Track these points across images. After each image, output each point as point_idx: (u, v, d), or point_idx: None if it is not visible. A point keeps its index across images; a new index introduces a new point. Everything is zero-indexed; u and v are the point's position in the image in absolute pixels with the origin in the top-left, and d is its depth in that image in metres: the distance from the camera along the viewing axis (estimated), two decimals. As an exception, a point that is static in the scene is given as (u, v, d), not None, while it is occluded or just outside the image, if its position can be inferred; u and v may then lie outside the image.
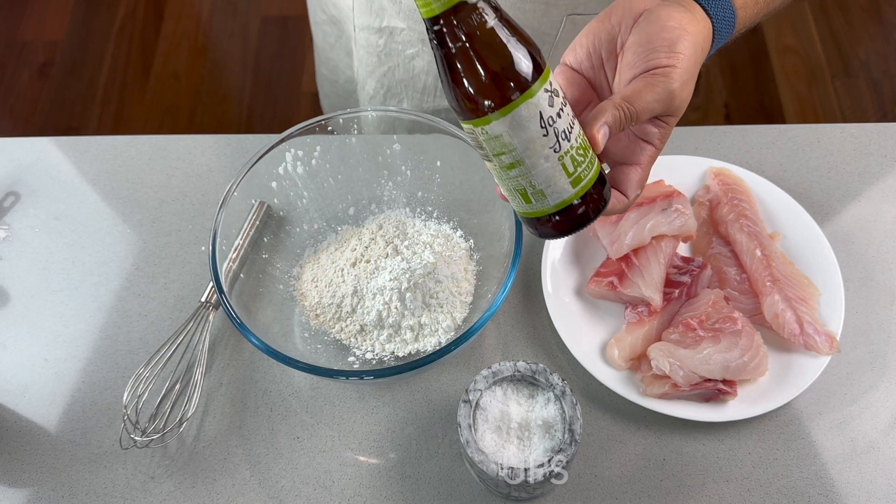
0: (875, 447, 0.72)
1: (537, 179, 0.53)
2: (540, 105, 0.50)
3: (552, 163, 0.52)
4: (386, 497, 0.71)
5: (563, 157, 0.52)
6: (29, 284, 0.83)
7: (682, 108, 0.57)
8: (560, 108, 0.51)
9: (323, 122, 0.77)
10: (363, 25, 0.91)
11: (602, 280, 0.77)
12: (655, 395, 0.71)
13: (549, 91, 0.50)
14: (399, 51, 0.91)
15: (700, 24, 0.57)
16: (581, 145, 0.53)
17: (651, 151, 0.59)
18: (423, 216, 0.83)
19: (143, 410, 0.74)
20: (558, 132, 0.51)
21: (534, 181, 0.53)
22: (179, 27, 2.11)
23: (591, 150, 0.54)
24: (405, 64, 0.92)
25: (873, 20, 2.05)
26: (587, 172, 0.53)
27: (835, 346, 0.73)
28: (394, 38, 0.90)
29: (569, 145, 0.52)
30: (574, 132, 0.52)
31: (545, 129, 0.51)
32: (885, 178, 0.86)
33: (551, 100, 0.50)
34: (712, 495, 0.70)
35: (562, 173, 0.52)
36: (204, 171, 0.90)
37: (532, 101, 0.49)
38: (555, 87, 0.51)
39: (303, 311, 0.78)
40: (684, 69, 0.55)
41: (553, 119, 0.51)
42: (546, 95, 0.50)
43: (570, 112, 0.52)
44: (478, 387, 0.65)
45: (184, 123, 1.96)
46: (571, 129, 0.52)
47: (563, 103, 0.51)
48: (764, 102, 1.93)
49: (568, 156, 0.52)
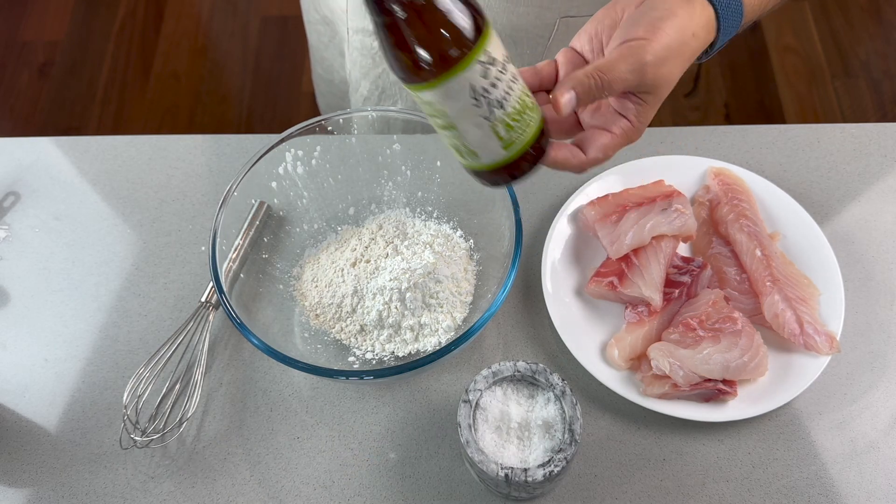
0: (875, 447, 0.72)
1: (469, 142, 0.54)
2: (470, 78, 0.50)
3: (484, 129, 0.53)
4: (386, 497, 0.71)
5: (495, 124, 0.53)
6: (29, 284, 0.83)
7: (659, 86, 0.58)
8: (496, 77, 0.51)
9: (323, 123, 0.77)
10: (357, 28, 0.91)
11: (602, 280, 0.77)
12: (655, 395, 0.71)
13: (483, 62, 0.50)
14: None
15: (696, 10, 0.58)
16: (518, 110, 0.53)
17: (625, 124, 0.59)
18: (423, 216, 0.83)
19: (143, 410, 0.74)
20: (491, 101, 0.52)
21: (466, 143, 0.54)
22: (179, 27, 2.11)
23: (530, 112, 0.54)
24: None
25: (873, 20, 2.05)
26: (522, 136, 0.54)
27: (835, 346, 0.73)
28: None
29: (503, 112, 0.52)
30: (511, 99, 0.52)
31: (476, 99, 0.51)
32: (885, 178, 0.86)
33: (485, 71, 0.51)
34: (712, 495, 0.70)
35: (493, 138, 0.54)
36: (204, 171, 0.90)
37: (462, 75, 0.50)
38: (493, 56, 0.51)
39: (303, 311, 0.78)
40: (662, 45, 0.56)
41: (486, 89, 0.51)
42: (479, 68, 0.50)
43: (510, 79, 0.52)
44: (478, 387, 0.65)
45: (184, 123, 1.96)
46: (508, 96, 0.52)
47: (500, 71, 0.51)
48: (764, 102, 1.93)
49: (501, 123, 0.53)
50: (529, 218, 0.85)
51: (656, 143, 0.89)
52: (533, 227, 0.84)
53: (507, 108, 0.53)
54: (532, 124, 0.55)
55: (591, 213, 0.80)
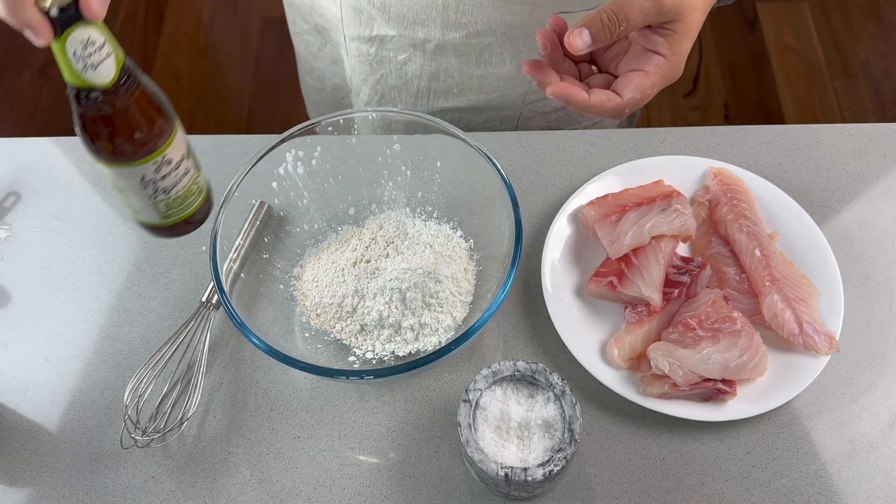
0: (874, 447, 0.72)
1: (132, 206, 0.62)
2: (143, 171, 0.58)
3: (146, 203, 0.61)
4: (386, 496, 0.71)
5: (157, 204, 0.61)
6: (30, 284, 0.83)
7: (682, 11, 0.56)
8: (167, 173, 0.59)
9: (323, 123, 0.77)
10: (353, 35, 0.92)
11: (602, 280, 0.77)
12: (655, 395, 0.71)
13: (158, 162, 0.58)
14: (391, 58, 0.91)
15: None
16: (181, 196, 0.62)
17: (659, 60, 0.58)
18: (423, 216, 0.84)
19: (144, 410, 0.74)
20: (158, 189, 0.60)
21: (130, 206, 0.63)
22: (180, 28, 2.12)
23: (194, 196, 0.63)
24: (397, 70, 0.92)
25: (873, 20, 2.05)
26: (181, 214, 0.63)
27: (834, 345, 0.73)
28: (384, 45, 0.90)
29: (166, 197, 0.61)
30: (177, 188, 0.61)
31: (145, 185, 0.59)
32: (884, 178, 0.87)
33: (158, 168, 0.58)
34: (711, 494, 0.70)
35: (154, 211, 0.62)
36: (205, 171, 0.90)
37: (135, 168, 0.58)
38: (170, 157, 0.59)
39: (303, 311, 0.78)
40: None
41: (155, 180, 0.59)
42: (153, 166, 0.58)
43: (182, 173, 0.61)
44: (478, 386, 0.65)
45: (184, 124, 1.96)
46: (175, 186, 0.61)
47: (174, 168, 0.60)
48: (763, 103, 1.93)
49: (163, 203, 0.61)
50: (529, 218, 0.85)
51: (656, 143, 0.89)
52: (533, 227, 0.85)
53: (171, 195, 0.61)
54: (194, 204, 0.64)
55: (591, 213, 0.80)
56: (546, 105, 0.95)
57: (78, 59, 0.51)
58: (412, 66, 0.91)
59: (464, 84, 0.91)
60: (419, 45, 0.88)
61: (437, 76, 0.91)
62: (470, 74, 0.90)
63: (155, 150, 0.58)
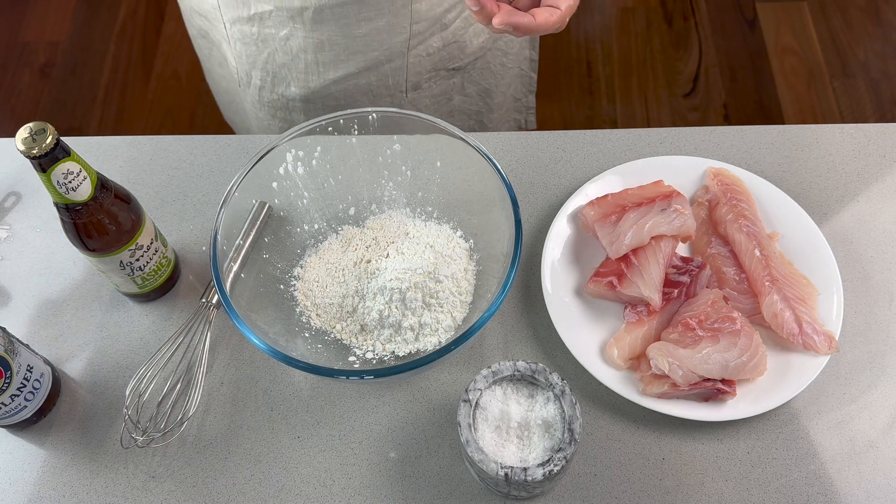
0: (874, 446, 0.72)
1: (114, 283, 0.78)
2: (120, 258, 0.73)
3: (126, 279, 0.77)
4: (386, 496, 0.71)
5: (134, 279, 0.77)
6: (30, 284, 0.83)
7: None
8: (140, 256, 0.75)
9: (323, 123, 0.77)
10: (233, 18, 0.92)
11: (601, 280, 0.77)
12: (654, 395, 0.71)
13: (132, 250, 0.74)
14: (273, 34, 0.92)
15: None
16: (154, 271, 0.77)
17: None
18: (423, 216, 0.84)
19: (145, 410, 0.74)
20: (134, 268, 0.75)
21: (113, 282, 0.78)
22: (180, 28, 2.11)
23: (164, 268, 0.79)
24: (282, 46, 0.93)
25: (872, 21, 2.05)
26: (154, 284, 0.79)
27: (833, 345, 0.73)
28: (265, 22, 0.91)
29: (141, 273, 0.76)
30: (150, 265, 0.77)
31: (122, 266, 0.75)
32: (883, 178, 0.87)
33: (133, 254, 0.74)
34: (711, 494, 0.70)
35: (133, 284, 0.78)
36: (205, 171, 0.90)
37: (113, 258, 0.73)
38: (141, 244, 0.74)
39: (304, 311, 0.78)
40: None
41: (131, 262, 0.75)
42: (128, 253, 0.74)
43: (153, 253, 0.76)
44: (478, 386, 0.65)
45: (185, 124, 1.96)
46: (147, 264, 0.76)
47: (145, 252, 0.75)
48: (763, 103, 1.93)
49: (139, 278, 0.77)
50: (529, 218, 0.85)
51: (655, 143, 0.89)
52: (533, 227, 0.85)
53: (145, 271, 0.77)
54: (164, 274, 0.79)
55: (591, 214, 0.80)
56: (429, 47, 0.96)
57: (61, 185, 0.66)
58: (295, 40, 0.91)
59: (348, 47, 0.92)
60: (297, 16, 0.88)
61: (321, 46, 0.92)
62: (353, 35, 0.91)
63: (129, 241, 0.73)
